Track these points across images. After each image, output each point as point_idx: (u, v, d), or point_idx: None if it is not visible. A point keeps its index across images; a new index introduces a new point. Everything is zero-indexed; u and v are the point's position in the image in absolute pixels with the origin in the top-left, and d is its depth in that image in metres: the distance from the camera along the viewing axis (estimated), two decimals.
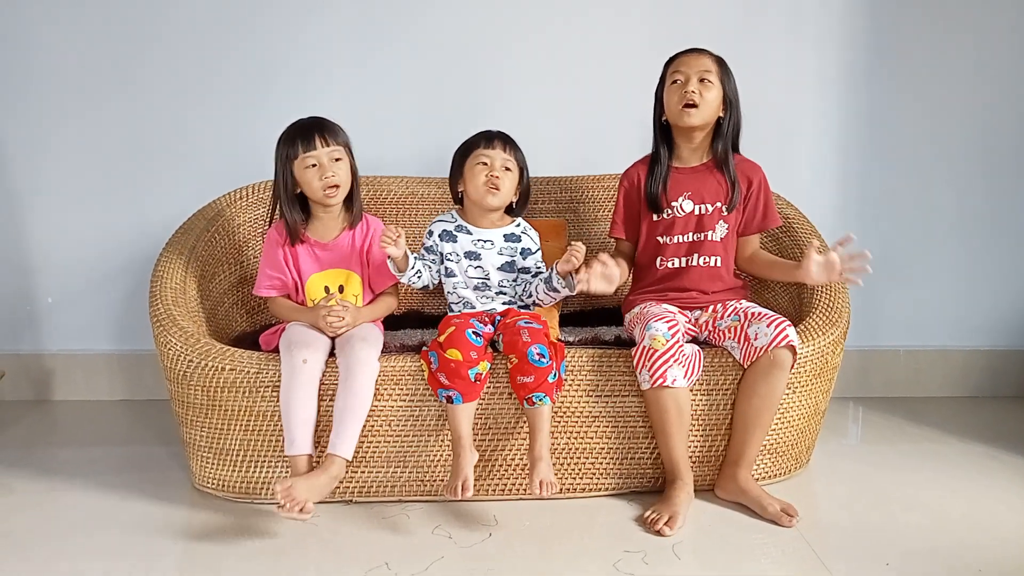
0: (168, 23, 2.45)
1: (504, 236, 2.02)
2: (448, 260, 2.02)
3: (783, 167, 2.50)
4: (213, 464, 1.88)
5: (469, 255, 2.00)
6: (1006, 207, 2.61)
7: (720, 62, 1.98)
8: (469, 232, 2.02)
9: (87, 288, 2.57)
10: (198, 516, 1.81)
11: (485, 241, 2.01)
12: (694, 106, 1.92)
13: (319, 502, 1.76)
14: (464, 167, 2.00)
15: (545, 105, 2.50)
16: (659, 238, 2.02)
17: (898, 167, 2.59)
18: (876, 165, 2.59)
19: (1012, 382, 2.66)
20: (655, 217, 2.02)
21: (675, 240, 2.00)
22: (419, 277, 1.96)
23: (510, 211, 2.07)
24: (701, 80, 1.93)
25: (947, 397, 2.64)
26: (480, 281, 2.00)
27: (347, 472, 1.80)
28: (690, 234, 2.00)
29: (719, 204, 1.99)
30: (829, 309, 1.99)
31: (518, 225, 2.05)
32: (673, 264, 2.01)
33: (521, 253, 2.02)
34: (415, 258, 1.94)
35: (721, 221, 2.00)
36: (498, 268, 2.00)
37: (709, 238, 1.99)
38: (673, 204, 2.00)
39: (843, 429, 2.37)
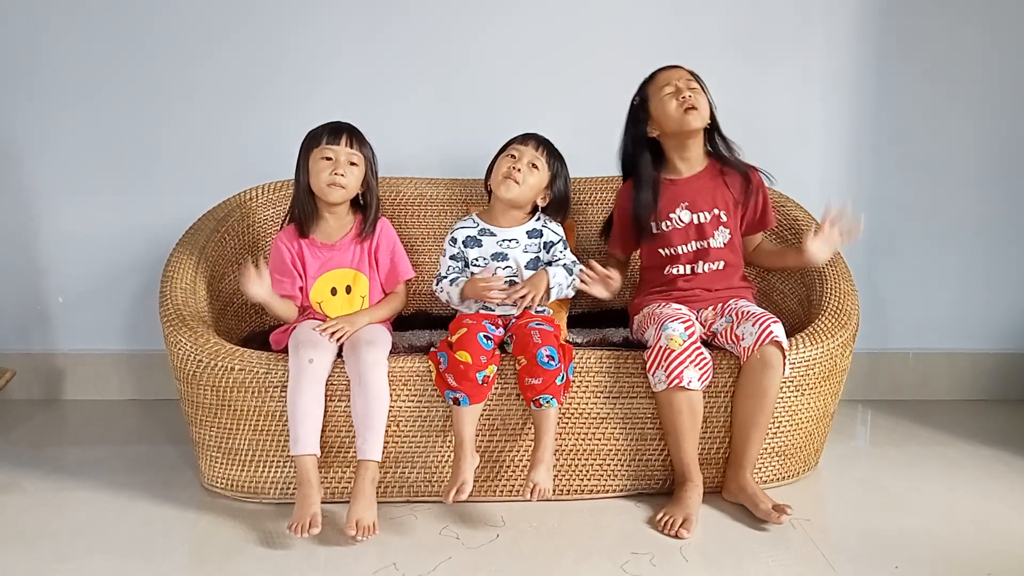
0: (178, 23, 2.46)
1: (527, 233, 2.02)
2: (474, 265, 2.01)
3: (793, 169, 2.49)
4: (222, 463, 1.89)
5: (496, 256, 2.00)
6: (1015, 209, 2.60)
7: (695, 75, 2.02)
8: (493, 234, 2.01)
9: (97, 288, 2.58)
10: (207, 515, 1.82)
11: (510, 241, 2.00)
12: (695, 108, 1.95)
13: (328, 501, 1.79)
14: (496, 161, 2.02)
15: (556, 106, 2.50)
16: (660, 250, 2.03)
17: (908, 169, 2.58)
18: (885, 167, 2.58)
19: (1021, 385, 2.65)
20: (654, 230, 2.03)
21: (678, 251, 2.02)
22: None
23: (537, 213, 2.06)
24: (691, 89, 1.97)
25: (956, 400, 2.63)
26: (508, 280, 1.98)
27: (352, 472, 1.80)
28: (693, 243, 2.01)
29: (717, 211, 2.00)
30: (838, 311, 1.99)
31: (538, 219, 2.04)
32: (678, 271, 2.02)
33: (545, 247, 2.01)
34: (451, 280, 1.98)
35: (721, 227, 2.01)
36: (525, 265, 2.00)
37: (711, 245, 2.01)
38: (671, 216, 2.01)
39: (851, 432, 2.37)
